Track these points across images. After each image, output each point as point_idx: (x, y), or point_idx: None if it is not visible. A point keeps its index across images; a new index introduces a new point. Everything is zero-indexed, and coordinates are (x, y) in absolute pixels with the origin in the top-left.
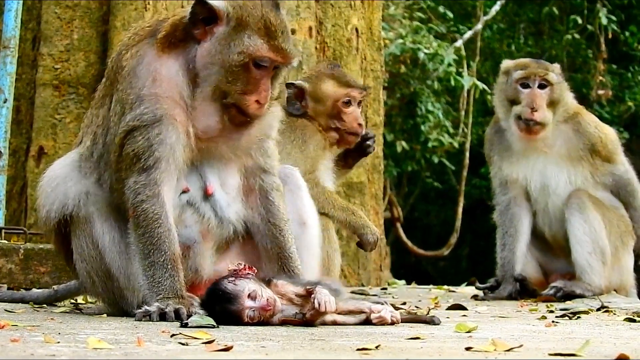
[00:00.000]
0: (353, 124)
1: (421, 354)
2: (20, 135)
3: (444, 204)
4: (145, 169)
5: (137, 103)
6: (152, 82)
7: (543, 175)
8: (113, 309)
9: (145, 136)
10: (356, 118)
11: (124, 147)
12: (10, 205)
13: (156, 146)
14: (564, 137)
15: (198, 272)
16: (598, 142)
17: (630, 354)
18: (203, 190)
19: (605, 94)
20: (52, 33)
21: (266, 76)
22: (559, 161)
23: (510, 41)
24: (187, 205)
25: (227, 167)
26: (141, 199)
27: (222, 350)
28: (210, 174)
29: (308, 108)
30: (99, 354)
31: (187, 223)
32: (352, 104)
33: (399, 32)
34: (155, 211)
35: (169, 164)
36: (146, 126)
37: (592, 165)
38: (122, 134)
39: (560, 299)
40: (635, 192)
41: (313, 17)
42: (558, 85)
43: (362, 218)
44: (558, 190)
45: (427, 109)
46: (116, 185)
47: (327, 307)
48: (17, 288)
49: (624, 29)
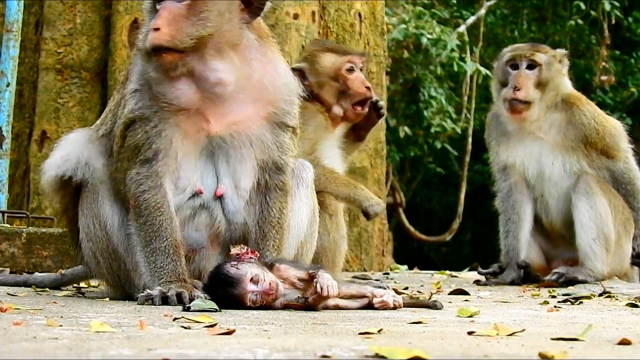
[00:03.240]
0: (361, 88)
1: (423, 338)
2: (23, 119)
3: (447, 189)
4: (146, 161)
5: (135, 96)
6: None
7: (539, 162)
8: (117, 292)
9: (143, 128)
10: (363, 82)
11: (126, 138)
12: (12, 189)
13: (153, 138)
14: (558, 125)
15: (201, 276)
16: (593, 134)
17: (632, 338)
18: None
19: (609, 80)
20: (55, 17)
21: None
22: (554, 148)
23: (513, 27)
24: (200, 209)
25: (244, 166)
26: (142, 190)
27: (224, 333)
28: (225, 174)
29: (312, 86)
30: (102, 337)
31: (198, 227)
32: (354, 69)
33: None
34: (157, 200)
35: (168, 156)
36: (144, 119)
37: (588, 157)
38: (122, 126)
39: (563, 284)
40: (636, 193)
41: (316, 2)
42: (547, 65)
43: (365, 190)
44: (553, 178)
45: (429, 95)
46: (118, 174)
47: (330, 291)
48: (19, 272)
49: (627, 14)
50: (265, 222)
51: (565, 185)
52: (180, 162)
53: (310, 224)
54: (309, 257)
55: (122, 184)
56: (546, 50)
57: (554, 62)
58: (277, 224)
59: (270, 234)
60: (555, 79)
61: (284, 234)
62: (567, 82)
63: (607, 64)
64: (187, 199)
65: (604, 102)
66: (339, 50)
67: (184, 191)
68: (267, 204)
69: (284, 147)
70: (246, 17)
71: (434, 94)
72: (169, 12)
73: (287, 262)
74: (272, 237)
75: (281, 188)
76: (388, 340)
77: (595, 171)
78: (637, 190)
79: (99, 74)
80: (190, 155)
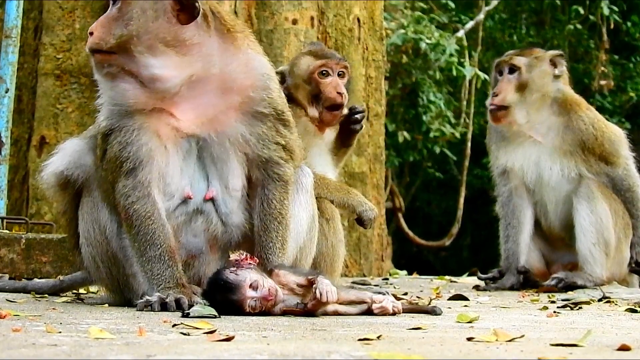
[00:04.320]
0: (332, 93)
1: (423, 344)
2: (22, 124)
3: (446, 194)
4: (130, 172)
5: (103, 108)
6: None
7: (537, 166)
8: (116, 297)
9: (118, 140)
10: (335, 87)
11: (106, 151)
12: (11, 194)
13: (130, 147)
14: (556, 129)
15: (202, 282)
16: (591, 140)
17: (631, 344)
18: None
19: (607, 85)
20: (54, 22)
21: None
22: (552, 153)
23: (512, 31)
24: (195, 214)
25: (230, 165)
26: (131, 201)
27: (223, 340)
28: (214, 176)
29: (290, 89)
30: (101, 344)
31: (195, 232)
32: (330, 74)
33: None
34: (146, 210)
35: (151, 163)
36: (115, 130)
37: (586, 162)
38: (100, 140)
39: (562, 289)
40: (635, 201)
41: (315, 7)
42: (527, 67)
43: (359, 195)
44: (551, 183)
45: (428, 99)
46: (105, 184)
47: (329, 297)
48: (18, 278)
49: (626, 19)
50: (266, 215)
51: (563, 190)
52: (165, 168)
53: (310, 229)
54: (308, 262)
55: (110, 194)
56: (531, 53)
57: (535, 63)
58: (278, 215)
59: (272, 226)
60: (537, 81)
61: (287, 225)
62: (558, 84)
63: (606, 69)
64: (178, 205)
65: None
66: (317, 54)
67: (173, 197)
68: (267, 196)
69: (263, 139)
70: (185, 17)
71: (432, 99)
72: (104, 16)
73: (286, 267)
74: (274, 229)
75: (277, 179)
76: (387, 346)
77: (594, 176)
78: (637, 197)
79: None
80: (174, 160)
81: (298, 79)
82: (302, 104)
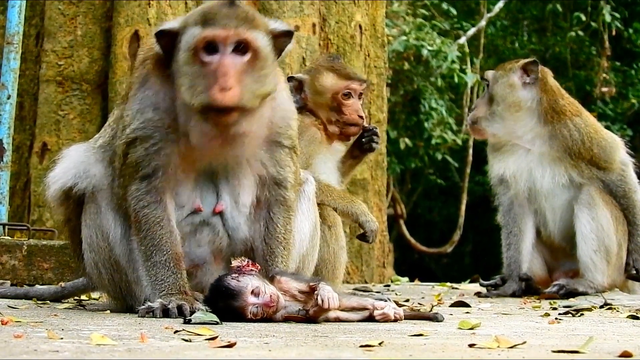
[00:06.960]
0: (353, 116)
1: (424, 350)
2: (24, 131)
3: (447, 200)
4: (146, 177)
5: (138, 116)
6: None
7: (530, 174)
8: (118, 304)
9: (144, 146)
10: (356, 110)
11: (127, 155)
12: (13, 201)
13: (153, 156)
14: (542, 138)
15: (204, 292)
16: (577, 145)
17: (633, 350)
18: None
19: (609, 92)
20: (56, 29)
21: (218, 60)
22: (542, 160)
23: (513, 38)
24: (201, 225)
25: (242, 182)
26: (142, 205)
27: (225, 346)
28: (225, 191)
29: (308, 100)
30: (102, 350)
31: (200, 243)
32: (352, 96)
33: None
34: (157, 215)
35: (168, 173)
36: (145, 137)
37: (576, 167)
38: (123, 145)
39: (564, 296)
40: (633, 208)
41: (317, 14)
42: (494, 80)
43: (362, 205)
44: (544, 190)
45: (430, 106)
46: (119, 190)
47: (331, 303)
48: (20, 284)
49: (628, 26)
50: (272, 239)
51: (560, 197)
52: (179, 180)
53: (312, 236)
54: (310, 269)
55: (123, 200)
56: (505, 65)
57: (502, 75)
58: (283, 240)
59: (277, 250)
60: (500, 92)
61: (290, 250)
62: (531, 92)
63: (608, 75)
64: (186, 216)
65: (604, 114)
66: (341, 73)
67: (183, 208)
68: (272, 220)
69: (280, 163)
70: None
71: (434, 106)
72: (234, 69)
73: (288, 274)
74: (280, 253)
75: (283, 203)
76: (389, 353)
77: (588, 182)
78: (633, 204)
79: (100, 86)
80: (189, 174)
81: (319, 97)
82: (321, 118)
